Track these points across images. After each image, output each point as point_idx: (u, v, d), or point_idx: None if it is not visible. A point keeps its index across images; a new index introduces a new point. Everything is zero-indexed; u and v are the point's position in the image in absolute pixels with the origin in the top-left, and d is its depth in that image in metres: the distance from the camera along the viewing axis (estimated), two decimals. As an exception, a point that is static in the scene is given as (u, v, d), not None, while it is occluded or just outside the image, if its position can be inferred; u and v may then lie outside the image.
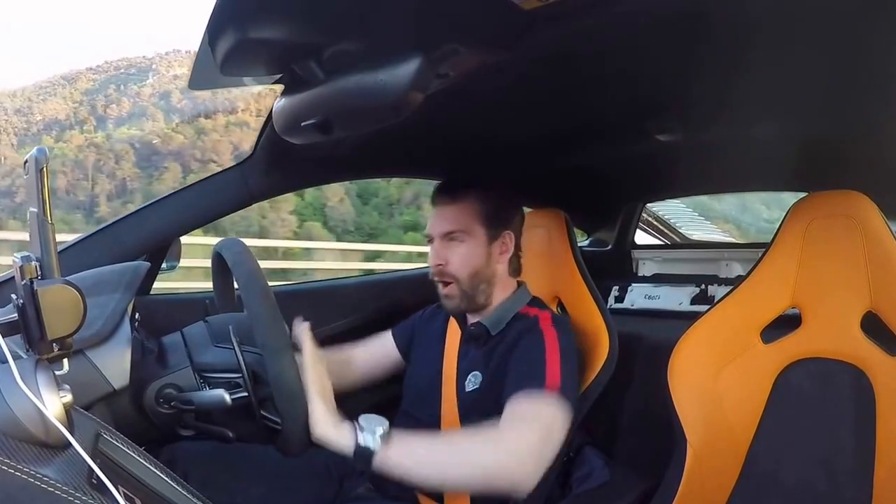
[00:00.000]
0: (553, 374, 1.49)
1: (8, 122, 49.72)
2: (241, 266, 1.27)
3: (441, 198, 1.74)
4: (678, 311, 2.44)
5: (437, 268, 1.70)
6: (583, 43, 1.16)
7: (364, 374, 1.90)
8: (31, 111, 51.49)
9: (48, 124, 53.96)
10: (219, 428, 1.31)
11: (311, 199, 27.94)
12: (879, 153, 1.77)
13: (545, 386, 1.46)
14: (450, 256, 1.69)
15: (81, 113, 59.89)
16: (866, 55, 1.21)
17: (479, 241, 1.69)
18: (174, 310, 1.93)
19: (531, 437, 1.38)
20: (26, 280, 0.81)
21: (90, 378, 1.17)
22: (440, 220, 1.71)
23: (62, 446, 0.77)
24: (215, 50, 1.08)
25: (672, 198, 3.31)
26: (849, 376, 1.47)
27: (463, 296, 1.70)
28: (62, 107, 52.00)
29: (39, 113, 49.84)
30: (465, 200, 1.70)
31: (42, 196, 0.84)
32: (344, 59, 1.10)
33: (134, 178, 41.65)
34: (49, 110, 49.38)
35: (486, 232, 1.70)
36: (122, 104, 63.25)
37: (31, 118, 51.96)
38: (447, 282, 1.70)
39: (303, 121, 1.22)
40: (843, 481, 1.43)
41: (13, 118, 55.46)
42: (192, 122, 43.33)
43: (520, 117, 1.68)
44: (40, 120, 48.42)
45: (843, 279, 1.49)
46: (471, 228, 1.69)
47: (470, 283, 1.69)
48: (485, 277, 1.71)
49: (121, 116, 59.59)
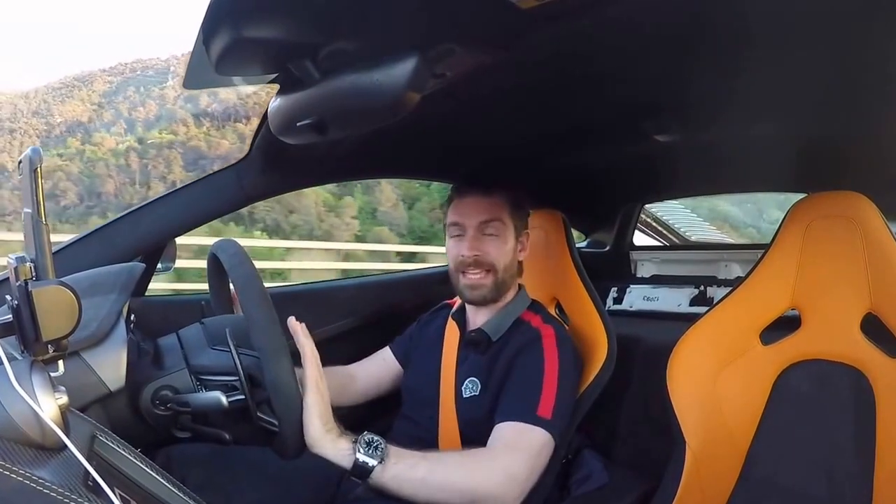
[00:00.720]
0: (547, 401, 1.51)
1: (28, 123, 49.43)
2: (237, 268, 1.27)
3: (473, 190, 1.75)
4: (677, 312, 2.44)
5: (475, 257, 1.70)
6: (580, 43, 1.16)
7: (366, 391, 1.91)
8: (49, 113, 51.17)
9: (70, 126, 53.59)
10: (215, 430, 1.30)
11: (362, 204, 28.07)
12: (879, 154, 1.77)
13: (537, 413, 1.49)
14: (486, 247, 1.70)
15: (105, 115, 59.47)
16: (865, 56, 1.20)
17: (510, 234, 1.73)
18: (170, 311, 1.92)
19: (521, 467, 1.43)
20: (21, 281, 0.81)
21: (86, 380, 1.17)
22: (475, 211, 1.72)
23: (58, 448, 0.77)
24: (210, 49, 1.07)
25: (671, 198, 3.31)
26: (849, 378, 1.46)
27: (494, 285, 1.72)
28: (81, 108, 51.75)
29: (59, 115, 49.54)
30: (497, 195, 1.73)
31: (36, 197, 0.84)
32: (340, 59, 1.10)
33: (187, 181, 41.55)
34: (68, 112, 49.09)
35: (514, 227, 1.74)
36: (149, 107, 62.89)
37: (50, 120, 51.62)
38: (482, 271, 1.71)
39: (298, 121, 1.21)
40: (843, 484, 1.43)
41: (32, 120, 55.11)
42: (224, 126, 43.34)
43: (517, 117, 1.68)
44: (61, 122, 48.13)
45: (843, 280, 1.48)
46: (506, 222, 1.72)
47: (504, 274, 1.72)
48: (511, 271, 1.75)
49: (148, 119, 59.26)
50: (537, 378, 1.55)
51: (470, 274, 1.71)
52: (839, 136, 1.71)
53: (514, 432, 1.48)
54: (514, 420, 1.49)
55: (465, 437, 1.63)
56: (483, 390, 1.65)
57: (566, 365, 1.59)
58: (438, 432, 1.69)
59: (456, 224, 1.75)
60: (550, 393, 1.52)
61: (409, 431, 1.73)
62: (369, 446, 1.29)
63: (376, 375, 1.94)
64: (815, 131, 1.71)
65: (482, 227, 1.71)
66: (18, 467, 0.68)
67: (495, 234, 1.70)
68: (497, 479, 1.39)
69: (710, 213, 4.75)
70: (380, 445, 1.30)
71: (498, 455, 1.44)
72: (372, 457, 1.28)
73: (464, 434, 1.64)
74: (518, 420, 1.48)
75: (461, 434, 1.65)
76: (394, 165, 2.24)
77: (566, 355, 1.62)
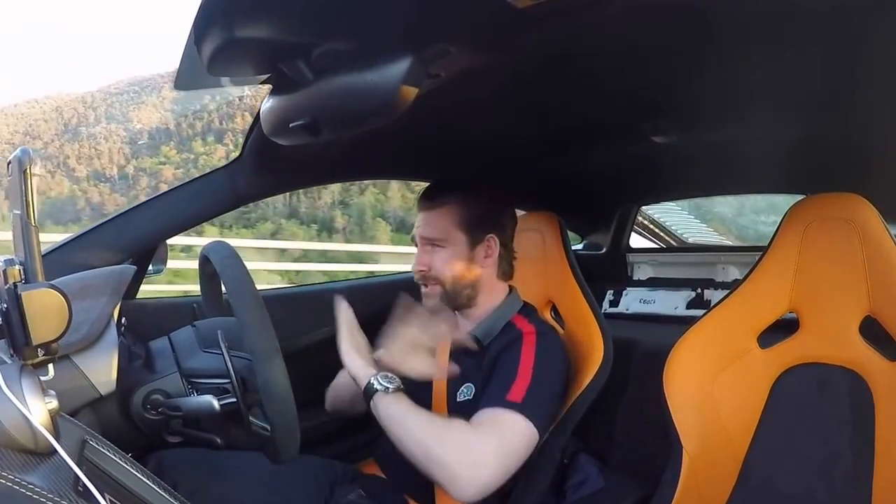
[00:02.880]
0: (518, 390, 1.50)
1: (106, 129, 48.77)
2: (229, 271, 1.26)
3: (423, 203, 1.74)
4: (674, 315, 2.44)
5: (420, 273, 1.72)
6: (576, 42, 1.15)
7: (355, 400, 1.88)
8: (126, 118, 50.52)
9: (152, 133, 52.96)
10: (207, 434, 1.29)
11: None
12: (878, 155, 1.76)
13: (507, 398, 1.48)
14: (431, 262, 1.70)
15: (197, 125, 58.50)
16: (864, 56, 1.20)
17: (459, 247, 1.70)
18: (161, 314, 1.92)
19: (490, 454, 1.41)
20: (10, 284, 0.80)
21: (76, 384, 1.16)
22: (422, 226, 1.72)
23: (48, 453, 0.76)
24: (201, 49, 1.06)
25: (668, 200, 3.31)
26: (847, 381, 1.46)
27: (444, 296, 1.71)
28: (155, 114, 51.21)
29: (137, 120, 48.91)
30: (445, 206, 1.70)
31: (26, 198, 0.83)
32: (333, 60, 1.09)
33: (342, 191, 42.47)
34: (145, 118, 48.50)
35: (467, 238, 1.70)
36: (245, 118, 62.23)
37: (128, 125, 50.92)
38: (431, 284, 1.72)
39: (291, 122, 1.21)
40: (842, 488, 1.42)
41: (110, 125, 54.39)
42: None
43: (512, 118, 1.68)
44: (141, 128, 47.55)
45: (842, 283, 1.48)
46: (450, 235, 1.69)
47: (453, 287, 1.70)
48: (468, 282, 1.71)
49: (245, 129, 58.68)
50: (512, 370, 1.55)
51: (423, 285, 1.75)
52: (838, 138, 1.71)
53: (487, 417, 1.47)
54: (486, 406, 1.49)
55: None
56: (477, 393, 1.64)
57: (542, 358, 1.58)
58: None
59: (412, 237, 1.78)
60: (523, 381, 1.51)
61: None
62: (385, 377, 1.48)
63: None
64: (814, 132, 1.70)
65: (428, 241, 1.72)
66: (7, 472, 0.67)
67: (441, 247, 1.70)
68: (465, 461, 1.38)
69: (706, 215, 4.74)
70: (394, 381, 1.48)
71: (472, 441, 1.43)
72: (381, 384, 1.46)
73: None
74: (488, 406, 1.49)
75: None
76: (388, 167, 2.24)
77: (545, 352, 1.60)
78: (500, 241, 1.75)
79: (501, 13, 0.93)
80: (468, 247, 1.70)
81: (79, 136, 50.72)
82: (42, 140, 44.71)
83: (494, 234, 1.74)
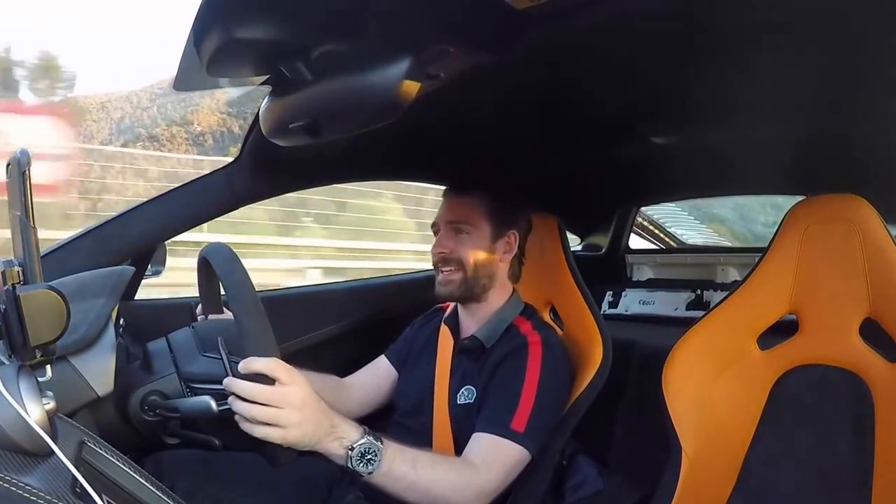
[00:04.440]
0: (523, 413, 1.52)
1: (168, 130, 48.47)
2: (230, 275, 1.24)
3: (451, 192, 1.80)
4: (673, 316, 2.44)
5: (441, 255, 1.73)
6: (576, 43, 1.15)
7: (363, 400, 1.90)
8: (185, 120, 50.22)
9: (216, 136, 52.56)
10: (205, 436, 1.29)
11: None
12: (878, 156, 1.76)
13: (511, 426, 1.50)
14: (455, 246, 1.71)
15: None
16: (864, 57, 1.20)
17: (483, 236, 1.73)
18: (159, 315, 1.91)
19: (493, 484, 1.45)
20: (8, 285, 0.80)
21: (74, 385, 1.17)
22: (448, 211, 1.76)
23: (45, 454, 0.76)
24: (200, 50, 1.06)
25: (667, 201, 3.31)
26: (847, 383, 1.45)
27: (463, 283, 1.72)
28: (212, 117, 50.99)
29: (197, 123, 48.64)
30: (473, 196, 1.74)
31: (25, 199, 0.83)
32: (332, 60, 1.09)
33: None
34: (204, 121, 48.26)
35: (491, 229, 1.74)
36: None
37: (188, 128, 50.62)
38: (451, 268, 1.72)
39: (290, 123, 1.21)
40: (842, 490, 1.42)
41: (172, 127, 54.12)
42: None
43: (511, 119, 1.68)
44: (202, 130, 47.30)
45: (842, 284, 1.47)
46: (477, 222, 1.73)
47: (473, 273, 1.71)
48: (487, 272, 1.73)
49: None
50: (516, 388, 1.55)
51: (442, 270, 1.74)
52: (838, 139, 1.71)
53: (489, 445, 1.49)
54: (489, 432, 1.50)
55: (458, 444, 1.61)
56: (478, 396, 1.64)
57: (549, 375, 1.58)
58: (432, 439, 1.69)
59: (434, 224, 1.79)
60: (527, 405, 1.52)
61: (401, 438, 1.72)
62: (362, 458, 1.25)
63: (374, 384, 1.93)
64: (814, 133, 1.70)
65: (452, 225, 1.73)
66: (5, 474, 0.67)
67: (466, 233, 1.72)
68: (474, 495, 1.42)
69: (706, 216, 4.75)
70: (374, 458, 1.26)
71: (477, 473, 1.45)
72: (363, 467, 1.25)
73: (457, 441, 1.62)
74: (493, 433, 1.49)
75: (455, 441, 1.64)
76: (387, 167, 2.24)
77: (551, 364, 1.60)
78: (519, 240, 1.79)
79: (501, 14, 0.93)
80: (491, 239, 1.74)
81: (140, 137, 50.55)
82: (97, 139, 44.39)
83: (516, 230, 1.78)
